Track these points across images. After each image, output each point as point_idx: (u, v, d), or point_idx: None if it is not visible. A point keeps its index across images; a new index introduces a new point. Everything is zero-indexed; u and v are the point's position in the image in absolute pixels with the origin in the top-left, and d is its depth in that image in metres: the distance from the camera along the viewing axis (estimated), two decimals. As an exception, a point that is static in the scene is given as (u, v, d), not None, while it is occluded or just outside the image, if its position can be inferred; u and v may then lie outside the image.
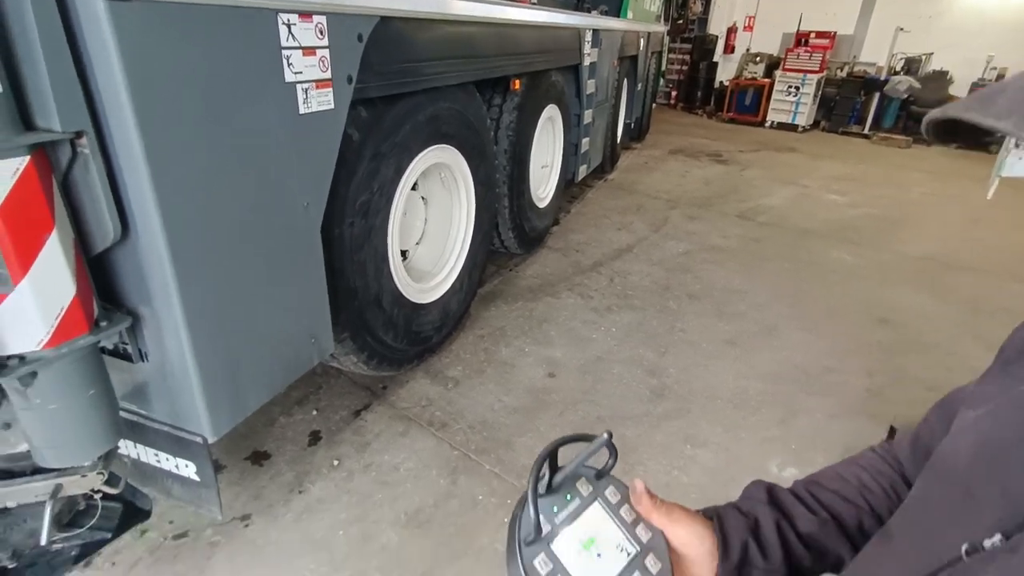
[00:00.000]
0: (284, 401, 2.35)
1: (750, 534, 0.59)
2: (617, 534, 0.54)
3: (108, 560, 1.66)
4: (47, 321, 1.09)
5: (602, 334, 2.94)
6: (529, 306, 3.16)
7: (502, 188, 3.12)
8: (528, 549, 0.49)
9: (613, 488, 0.57)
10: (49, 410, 1.18)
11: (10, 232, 1.00)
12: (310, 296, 1.73)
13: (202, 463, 1.47)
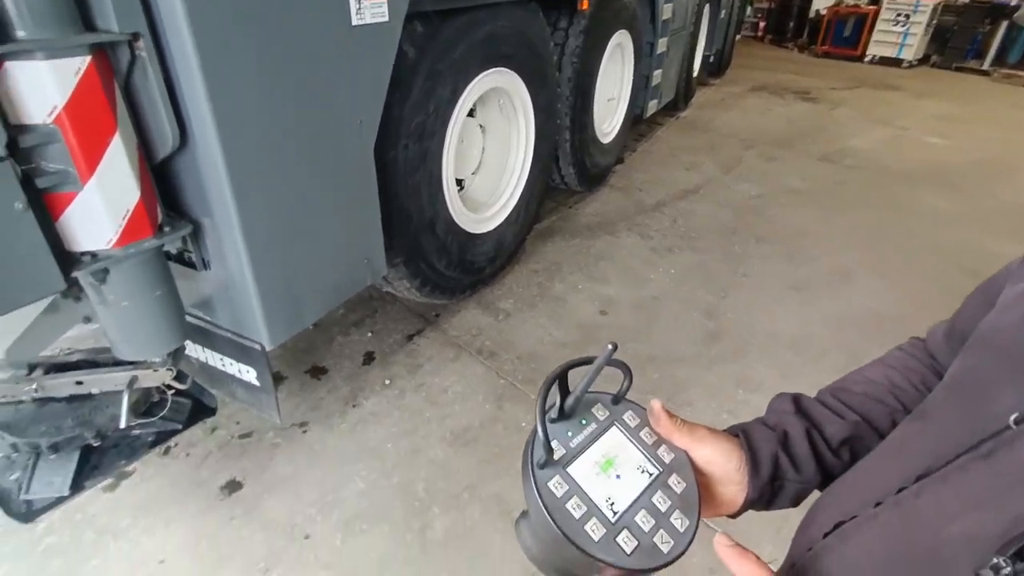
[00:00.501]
0: (342, 322, 2.45)
1: (780, 446, 0.55)
2: (637, 456, 0.52)
3: (184, 451, 1.83)
4: (114, 221, 1.15)
5: (660, 274, 2.85)
6: (586, 243, 3.09)
7: (563, 120, 2.99)
8: (542, 472, 0.48)
9: (632, 412, 0.55)
10: (122, 307, 1.27)
11: (76, 131, 1.04)
12: (363, 217, 1.75)
13: (261, 369, 1.56)
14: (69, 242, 1.13)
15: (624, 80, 3.74)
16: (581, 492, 0.47)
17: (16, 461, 1.41)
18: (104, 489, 1.70)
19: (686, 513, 0.48)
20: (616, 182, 3.88)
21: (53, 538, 1.57)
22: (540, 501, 0.46)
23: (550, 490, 0.46)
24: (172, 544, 1.57)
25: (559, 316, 2.52)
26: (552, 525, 0.45)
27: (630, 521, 0.47)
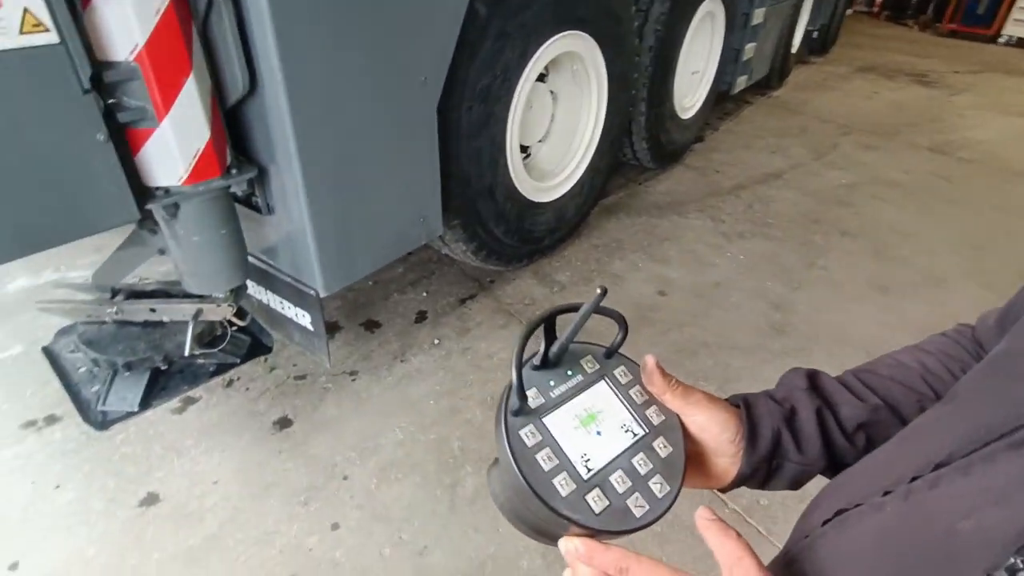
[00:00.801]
0: (400, 280, 2.51)
1: (784, 423, 0.51)
2: (623, 414, 0.48)
3: (244, 385, 1.96)
4: (186, 159, 1.22)
5: (727, 260, 2.71)
6: (652, 222, 2.98)
7: (640, 91, 2.87)
8: (514, 419, 0.45)
9: (624, 368, 0.51)
10: (191, 242, 1.36)
11: (155, 69, 1.10)
12: (422, 175, 1.77)
13: (315, 315, 1.63)
14: (145, 176, 1.21)
15: (712, 52, 3.53)
16: (555, 444, 0.45)
17: (96, 376, 1.57)
18: (173, 411, 1.85)
19: (667, 479, 0.45)
20: (692, 161, 3.71)
21: (128, 448, 1.74)
22: (508, 449, 0.43)
23: (520, 439, 0.44)
24: (226, 468, 1.70)
25: (615, 293, 2.46)
26: (518, 475, 0.42)
27: (604, 480, 0.44)
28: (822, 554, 0.39)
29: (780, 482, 0.53)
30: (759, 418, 0.51)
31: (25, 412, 1.86)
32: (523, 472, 0.43)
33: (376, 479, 1.68)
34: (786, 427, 0.51)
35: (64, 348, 1.63)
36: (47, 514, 1.57)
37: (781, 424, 0.51)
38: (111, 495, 1.62)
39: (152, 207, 1.22)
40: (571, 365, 0.50)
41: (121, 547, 1.50)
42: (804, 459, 0.51)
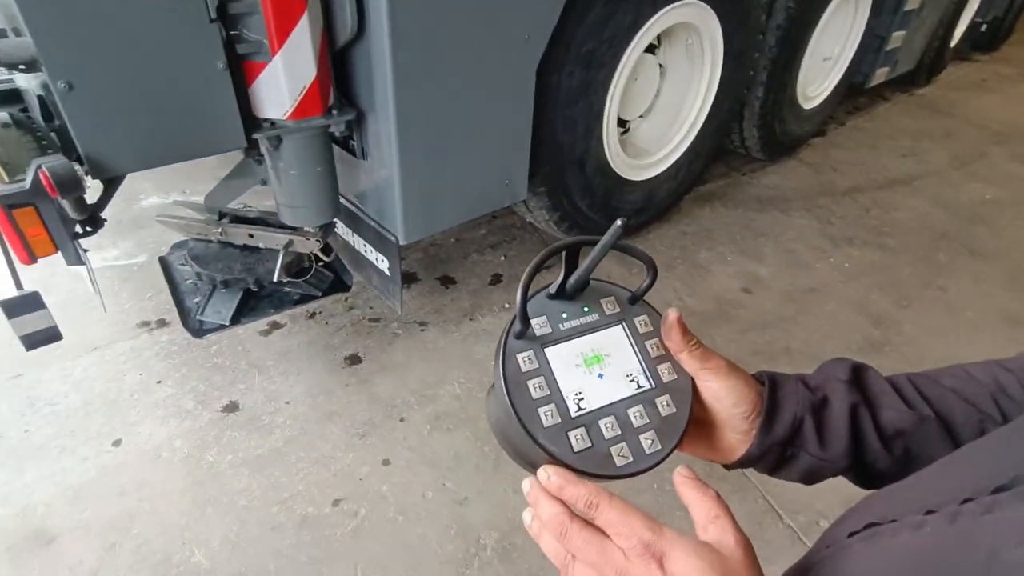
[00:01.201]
0: (481, 241, 2.54)
1: (810, 411, 0.46)
2: (633, 363, 0.46)
3: (324, 319, 2.09)
4: (292, 95, 1.29)
5: (828, 266, 2.50)
6: (750, 216, 2.80)
7: (760, 73, 2.67)
8: (515, 342, 0.44)
9: (646, 318, 0.48)
10: (290, 175, 1.45)
11: (274, 6, 1.17)
12: (513, 137, 1.76)
13: (393, 261, 1.70)
14: (254, 107, 1.30)
15: (850, 37, 3.19)
16: (550, 375, 0.43)
17: (199, 288, 1.73)
18: (260, 333, 2.02)
19: (661, 438, 0.43)
20: (807, 156, 3.42)
21: (219, 359, 1.93)
22: (501, 369, 0.43)
23: (516, 362, 0.43)
24: (298, 391, 1.83)
25: (696, 284, 2.35)
26: (504, 395, 0.42)
27: (592, 422, 0.43)
28: (842, 567, 0.35)
29: (791, 472, 0.49)
30: (782, 400, 0.46)
31: (142, 313, 2.10)
32: (510, 393, 0.42)
33: (430, 426, 1.74)
34: (811, 416, 0.46)
35: (176, 260, 1.81)
36: (148, 404, 1.78)
37: (806, 412, 0.46)
38: (200, 397, 1.80)
39: (258, 137, 1.31)
40: (590, 302, 0.47)
41: (203, 444, 1.67)
42: (824, 454, 0.46)
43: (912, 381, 0.49)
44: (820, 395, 0.47)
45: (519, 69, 1.64)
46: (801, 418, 0.46)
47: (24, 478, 1.56)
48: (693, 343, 0.46)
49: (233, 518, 1.48)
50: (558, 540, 0.39)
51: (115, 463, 1.61)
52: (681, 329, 0.46)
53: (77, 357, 1.91)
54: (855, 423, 0.46)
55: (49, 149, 1.14)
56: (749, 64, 2.52)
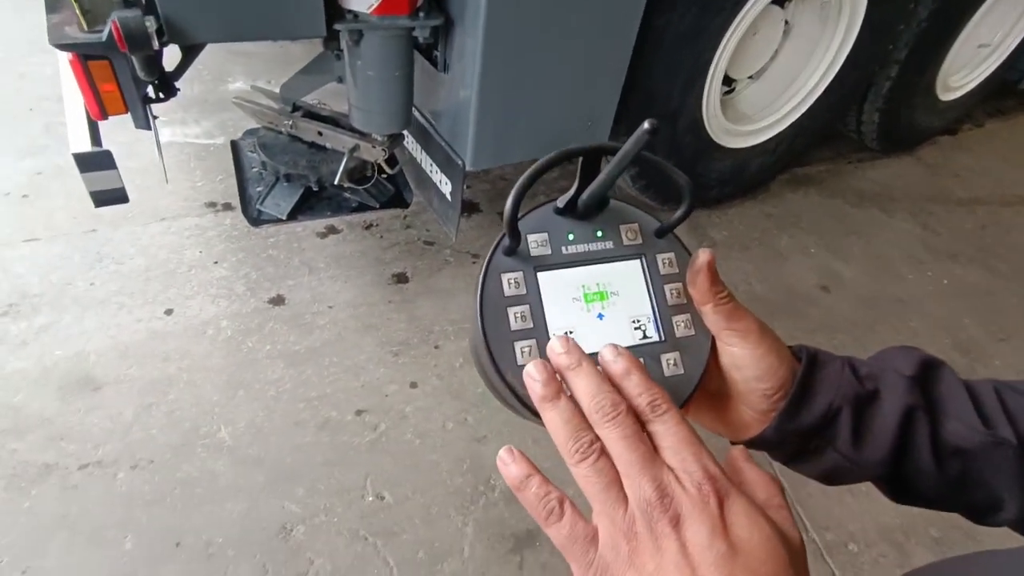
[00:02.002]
0: (549, 183, 2.43)
1: (851, 404, 0.38)
2: (643, 308, 0.38)
3: (380, 232, 2.08)
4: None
5: (922, 279, 2.25)
6: (845, 209, 2.55)
7: (899, 49, 2.34)
8: (503, 259, 0.37)
9: (672, 257, 0.39)
10: (366, 76, 1.38)
11: None
12: (606, 75, 1.62)
13: (456, 186, 1.63)
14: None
15: (1017, 26, 2.75)
16: (537, 305, 0.36)
17: (263, 178, 1.74)
18: (318, 234, 2.03)
19: None
20: (927, 155, 3.05)
21: (274, 251, 1.96)
22: (479, 288, 0.36)
23: (499, 282, 0.36)
24: (342, 297, 1.84)
25: (770, 270, 2.18)
26: (478, 320, 0.35)
27: None
28: None
29: (810, 468, 0.41)
30: (818, 383, 0.38)
31: (211, 194, 2.15)
32: (483, 318, 0.35)
33: (462, 359, 1.72)
34: (851, 409, 0.38)
35: (246, 147, 1.82)
36: (203, 281, 1.84)
37: (846, 403, 0.38)
38: (251, 284, 1.85)
39: (339, 28, 1.24)
40: (607, 226, 0.39)
41: (246, 329, 1.72)
42: (856, 456, 0.38)
43: (998, 392, 0.39)
44: (870, 387, 0.38)
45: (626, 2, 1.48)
46: (838, 409, 0.38)
47: (83, 325, 1.66)
48: (723, 295, 0.37)
49: (261, 405, 1.53)
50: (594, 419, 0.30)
51: (164, 330, 1.68)
52: (711, 276, 0.37)
53: (147, 224, 1.98)
54: (906, 429, 0.38)
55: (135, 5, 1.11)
56: (890, 37, 2.21)
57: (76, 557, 1.25)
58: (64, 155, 1.90)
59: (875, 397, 0.39)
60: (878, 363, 0.41)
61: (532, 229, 0.38)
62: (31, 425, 1.43)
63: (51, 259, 1.83)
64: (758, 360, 0.37)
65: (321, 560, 1.30)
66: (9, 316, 1.65)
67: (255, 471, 1.41)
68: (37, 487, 1.33)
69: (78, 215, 1.96)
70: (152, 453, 1.42)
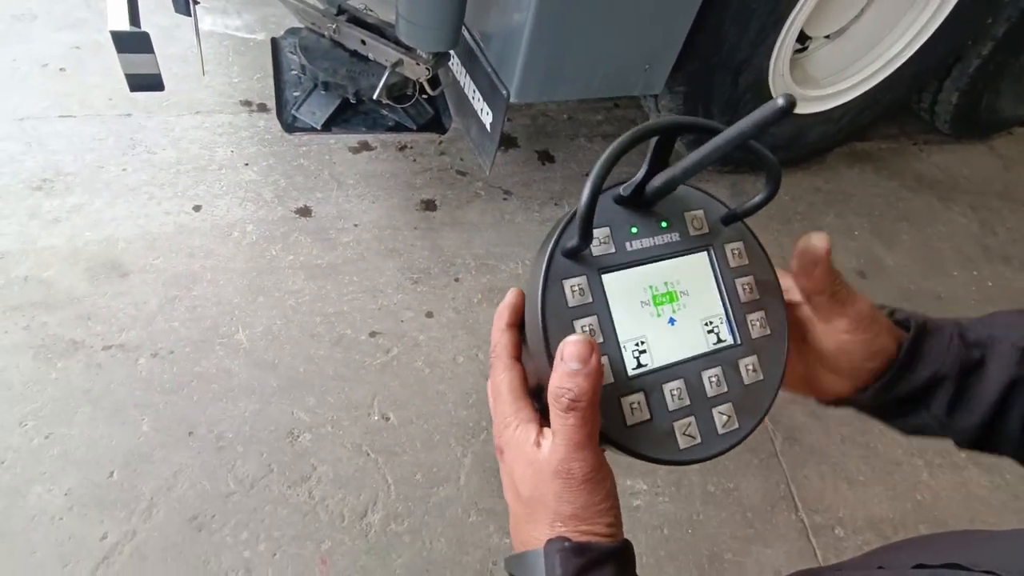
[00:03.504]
0: (594, 128, 2.33)
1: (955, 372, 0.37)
2: (715, 307, 0.35)
3: (414, 156, 2.02)
4: None
5: (969, 277, 2.15)
6: (901, 193, 2.41)
7: (999, 24, 2.12)
8: (563, 262, 0.33)
9: (742, 247, 0.36)
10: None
11: None
12: (671, 16, 1.50)
13: (497, 116, 1.56)
14: None
15: None
16: (606, 315, 0.33)
17: (300, 82, 1.68)
18: (350, 149, 1.99)
19: (740, 414, 0.33)
20: (1002, 146, 2.84)
21: (305, 161, 1.93)
22: (540, 300, 0.32)
23: (562, 290, 0.32)
24: (368, 216, 1.82)
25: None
26: (542, 341, 0.31)
27: (654, 386, 0.32)
28: None
29: (896, 422, 0.41)
30: (926, 354, 0.37)
31: (247, 92, 2.10)
32: (548, 337, 0.31)
33: (481, 295, 1.72)
34: (954, 380, 0.37)
35: (287, 46, 1.75)
36: (232, 182, 1.83)
37: (950, 372, 0.37)
38: (279, 192, 1.83)
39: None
40: (670, 216, 0.35)
41: (271, 237, 1.72)
42: (948, 422, 0.37)
43: None
44: (976, 355, 0.37)
45: (712, -70, 1.34)
46: (941, 379, 0.37)
47: (114, 211, 1.67)
48: (839, 283, 0.35)
49: (279, 313, 1.56)
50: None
51: (191, 226, 1.69)
52: (828, 265, 0.35)
53: (180, 115, 1.95)
54: (1006, 401, 0.36)
55: None
56: (993, 8, 2.00)
57: (97, 431, 1.31)
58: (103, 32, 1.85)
59: (980, 366, 0.37)
60: (988, 327, 0.39)
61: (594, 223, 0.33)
62: (60, 301, 1.47)
63: (85, 139, 1.82)
64: (868, 344, 0.36)
65: (324, 467, 1.35)
66: (43, 191, 1.67)
67: (269, 375, 1.45)
68: (64, 360, 1.39)
69: (114, 96, 1.94)
70: (173, 344, 1.46)
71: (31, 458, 1.26)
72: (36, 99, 1.90)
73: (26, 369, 1.36)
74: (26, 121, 1.83)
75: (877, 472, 1.57)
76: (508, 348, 0.36)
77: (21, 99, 1.89)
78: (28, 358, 1.37)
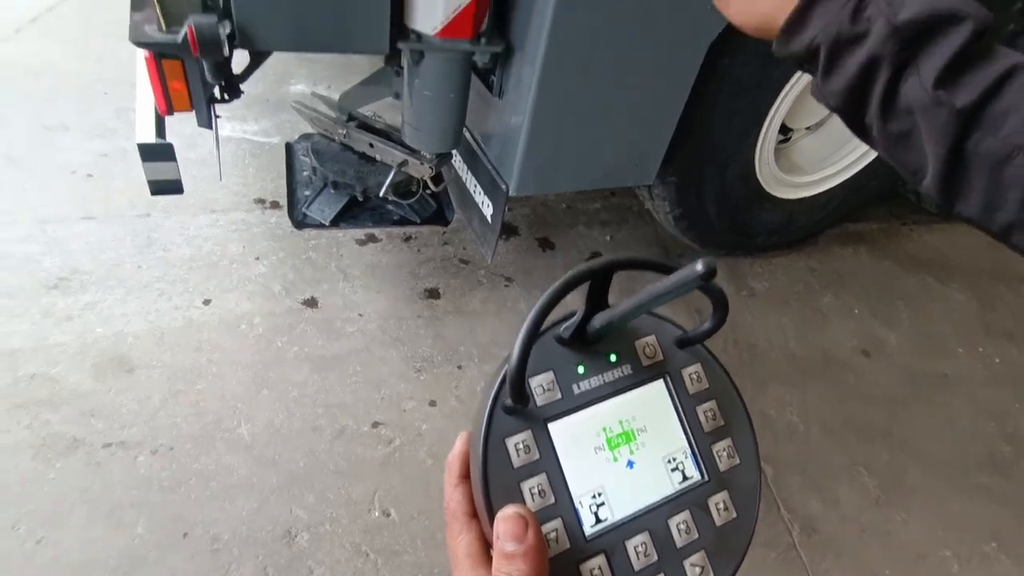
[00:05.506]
0: (592, 216, 2.43)
1: (829, 43, 0.41)
2: (677, 440, 0.32)
3: (418, 246, 2.09)
4: (446, 12, 1.22)
5: (974, 356, 2.14)
6: (896, 273, 2.45)
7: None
8: (504, 419, 0.30)
9: (700, 370, 0.34)
10: (423, 95, 1.40)
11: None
12: (659, 114, 1.61)
13: (497, 208, 1.64)
14: (406, 16, 1.25)
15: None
16: (555, 470, 0.30)
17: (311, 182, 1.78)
18: (357, 241, 2.06)
19: (715, 560, 0.30)
20: (990, 226, 2.92)
21: (314, 254, 1.99)
22: (481, 464, 0.29)
23: (504, 451, 0.29)
24: (373, 307, 1.86)
25: (808, 329, 2.11)
26: (483, 508, 0.29)
27: (616, 544, 0.29)
28: None
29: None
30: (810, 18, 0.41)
31: (261, 191, 2.21)
32: (491, 506, 0.29)
33: (483, 382, 1.71)
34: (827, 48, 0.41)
35: (300, 150, 1.87)
36: (242, 276, 1.88)
37: (826, 41, 0.41)
38: (287, 284, 1.88)
39: (402, 47, 1.27)
40: (619, 347, 0.33)
41: (277, 328, 1.75)
42: (823, 86, 0.43)
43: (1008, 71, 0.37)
44: (860, 28, 0.40)
45: (690, 43, 1.47)
46: (817, 46, 0.41)
47: (125, 307, 1.71)
48: None
49: (282, 407, 1.55)
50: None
51: (200, 320, 1.73)
52: None
53: (196, 215, 2.05)
54: (866, 76, 0.40)
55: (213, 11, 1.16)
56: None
57: (91, 533, 1.28)
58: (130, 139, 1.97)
59: (856, 40, 0.40)
60: (891, 7, 0.40)
61: (534, 370, 0.31)
62: (65, 398, 1.48)
63: (104, 239, 1.90)
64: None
65: (321, 570, 1.29)
66: (59, 290, 1.72)
67: (268, 471, 1.43)
68: (63, 459, 1.37)
69: (134, 199, 2.04)
70: (174, 440, 1.44)
71: (22, 563, 1.21)
72: (61, 202, 2.00)
73: (24, 469, 1.34)
74: (48, 223, 1.92)
75: (901, 566, 1.49)
76: (463, 505, 0.33)
77: (46, 202, 2.00)
78: (27, 458, 1.36)
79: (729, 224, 2.10)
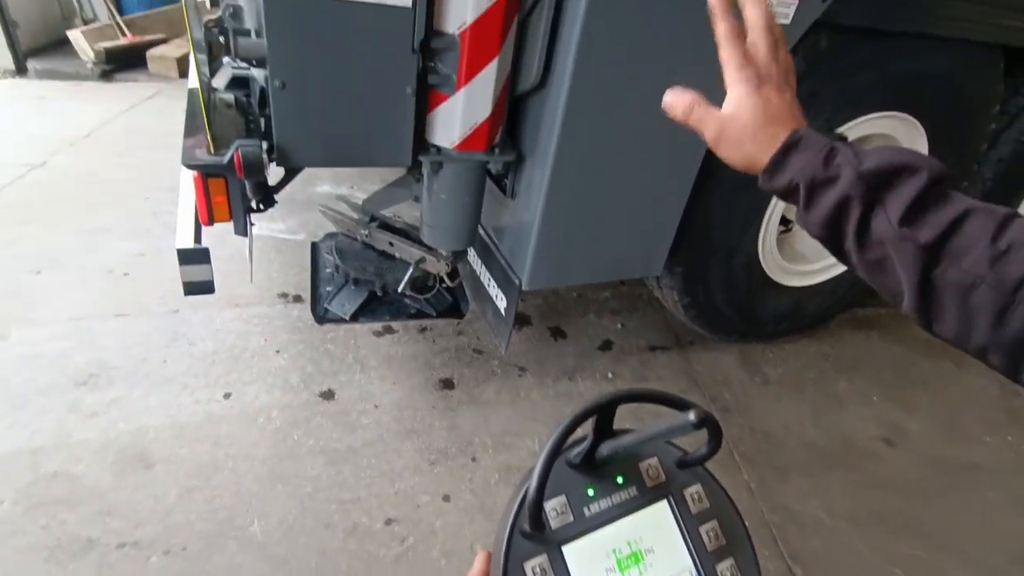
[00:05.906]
0: (602, 304, 2.48)
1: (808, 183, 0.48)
2: (682, 560, 0.34)
3: (433, 337, 2.15)
4: (463, 129, 1.35)
5: (1002, 444, 2.08)
6: (912, 358, 2.44)
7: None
8: (522, 543, 0.33)
9: (700, 490, 0.37)
10: (440, 199, 1.51)
11: (471, 47, 1.24)
12: (664, 210, 1.70)
13: (511, 302, 1.70)
14: (427, 132, 1.38)
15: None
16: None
17: (333, 279, 1.87)
18: (374, 333, 2.13)
19: None
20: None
21: (332, 346, 2.05)
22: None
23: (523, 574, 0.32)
24: (389, 398, 1.88)
25: (825, 415, 2.08)
26: None
27: None
28: None
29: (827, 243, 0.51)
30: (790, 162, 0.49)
31: (285, 286, 2.32)
32: None
33: (499, 475, 1.69)
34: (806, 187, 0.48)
35: (324, 248, 1.98)
36: (262, 369, 1.93)
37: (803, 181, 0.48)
38: (306, 377, 1.92)
39: (423, 159, 1.39)
40: (625, 469, 0.36)
41: (294, 421, 1.77)
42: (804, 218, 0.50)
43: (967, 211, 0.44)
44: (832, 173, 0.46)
45: (688, 145, 1.58)
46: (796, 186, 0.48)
47: (148, 402, 1.75)
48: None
49: (296, 502, 1.54)
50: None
51: (220, 413, 1.76)
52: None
53: (222, 309, 2.14)
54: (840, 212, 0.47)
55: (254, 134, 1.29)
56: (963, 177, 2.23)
57: (93, 643, 1.24)
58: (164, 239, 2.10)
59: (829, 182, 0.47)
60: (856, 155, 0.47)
61: (548, 494, 0.34)
62: (83, 497, 1.48)
63: (134, 335, 1.98)
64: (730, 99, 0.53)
65: None
66: (87, 386, 1.77)
67: (279, 573, 1.39)
68: (75, 562, 1.36)
69: (165, 295, 2.15)
70: (187, 539, 1.43)
71: (20, 678, 1.17)
72: (96, 300, 2.11)
73: (36, 573, 1.32)
74: (82, 320, 2.02)
75: None
76: None
77: (82, 300, 2.10)
78: (40, 560, 1.35)
79: (737, 312, 2.14)
